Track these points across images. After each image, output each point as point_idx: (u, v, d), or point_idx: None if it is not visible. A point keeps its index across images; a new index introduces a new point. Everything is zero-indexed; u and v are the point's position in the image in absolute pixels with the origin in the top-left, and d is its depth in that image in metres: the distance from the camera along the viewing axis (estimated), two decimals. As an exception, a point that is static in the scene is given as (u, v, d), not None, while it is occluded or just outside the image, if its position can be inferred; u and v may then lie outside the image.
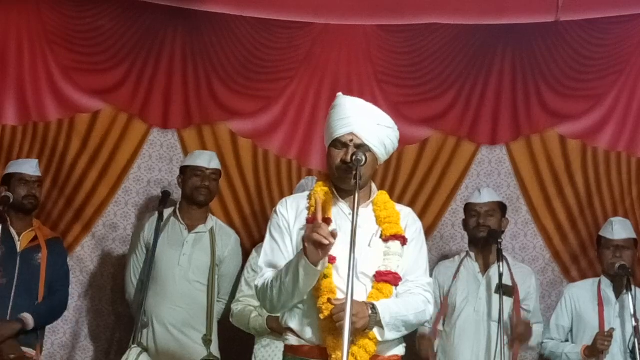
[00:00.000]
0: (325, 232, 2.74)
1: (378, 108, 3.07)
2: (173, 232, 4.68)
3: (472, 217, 4.58)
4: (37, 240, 4.67)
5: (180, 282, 4.58)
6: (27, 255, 4.61)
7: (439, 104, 5.36)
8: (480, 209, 4.55)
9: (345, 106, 3.04)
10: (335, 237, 2.75)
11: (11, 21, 5.24)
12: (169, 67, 5.32)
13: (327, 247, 2.76)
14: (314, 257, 2.76)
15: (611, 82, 5.25)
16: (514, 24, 5.32)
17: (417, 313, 2.97)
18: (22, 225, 4.66)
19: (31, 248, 4.64)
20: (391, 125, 3.06)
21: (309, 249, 2.76)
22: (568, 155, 5.26)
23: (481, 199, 4.58)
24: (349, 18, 5.36)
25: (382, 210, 3.05)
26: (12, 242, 4.59)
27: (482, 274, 4.50)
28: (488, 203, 4.56)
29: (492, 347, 4.28)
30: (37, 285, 4.58)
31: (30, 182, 4.67)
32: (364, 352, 2.87)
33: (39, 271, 4.60)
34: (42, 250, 4.64)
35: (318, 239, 2.73)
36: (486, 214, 4.54)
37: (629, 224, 4.72)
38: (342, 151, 2.99)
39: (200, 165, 4.72)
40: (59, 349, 5.14)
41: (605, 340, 4.31)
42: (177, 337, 4.53)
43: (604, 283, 4.58)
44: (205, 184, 4.69)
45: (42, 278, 4.60)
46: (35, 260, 4.62)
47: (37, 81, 5.23)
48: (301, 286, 2.83)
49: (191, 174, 4.71)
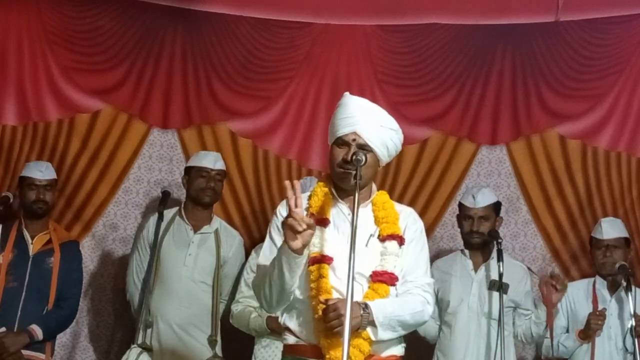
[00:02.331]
0: (298, 217, 2.75)
1: (384, 110, 3.07)
2: (179, 233, 4.68)
3: (465, 219, 4.54)
4: (51, 244, 4.63)
5: (186, 282, 4.58)
6: (39, 259, 4.58)
7: (439, 104, 5.36)
8: (474, 215, 4.49)
9: (350, 105, 3.04)
10: (312, 227, 2.76)
11: (11, 21, 5.24)
12: (169, 67, 5.32)
13: (304, 234, 2.76)
14: (292, 243, 2.76)
15: (611, 82, 5.24)
16: (514, 24, 5.32)
17: (414, 313, 2.96)
18: (36, 228, 4.64)
19: (44, 251, 4.61)
20: (395, 128, 3.06)
21: (287, 235, 2.78)
22: (568, 155, 5.26)
23: (475, 204, 4.50)
24: (349, 18, 5.36)
25: (380, 210, 3.05)
26: (25, 245, 4.58)
27: (474, 271, 4.50)
28: (482, 208, 4.50)
29: (491, 344, 4.28)
30: (48, 290, 4.55)
31: (40, 187, 4.64)
32: (358, 352, 2.87)
33: (51, 275, 4.56)
34: (54, 254, 4.61)
35: (291, 222, 2.74)
36: (480, 220, 4.48)
37: (619, 223, 4.73)
38: (344, 150, 2.99)
39: (205, 166, 4.72)
40: (59, 349, 5.13)
41: (599, 320, 4.38)
42: (181, 337, 4.53)
43: (599, 282, 4.61)
44: (211, 185, 4.70)
45: (54, 282, 4.56)
46: (47, 264, 4.58)
47: (37, 81, 5.23)
48: (286, 277, 2.83)
49: (196, 175, 4.71)
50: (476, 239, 4.48)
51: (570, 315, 4.63)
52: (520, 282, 4.48)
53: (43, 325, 4.47)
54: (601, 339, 4.46)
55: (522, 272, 4.55)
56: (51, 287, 4.56)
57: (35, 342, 4.45)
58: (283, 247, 2.81)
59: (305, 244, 2.79)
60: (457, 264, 4.57)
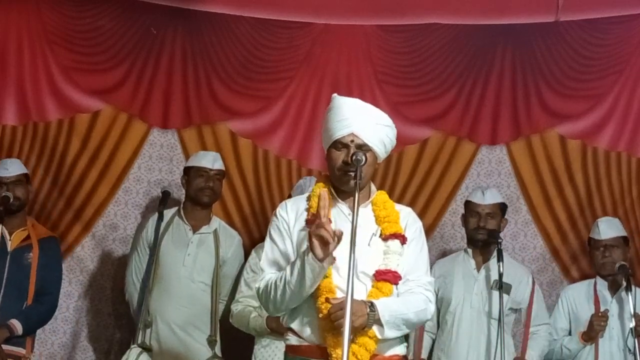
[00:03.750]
0: (330, 229, 2.75)
1: (375, 107, 3.08)
2: (178, 233, 4.68)
3: (472, 216, 4.57)
4: (30, 239, 4.64)
5: (185, 282, 4.58)
6: (18, 255, 4.58)
7: (439, 104, 5.36)
8: (481, 211, 4.54)
9: (343, 107, 3.04)
10: (340, 238, 2.77)
11: (11, 21, 5.24)
12: (169, 67, 5.32)
13: (330, 246, 2.77)
14: (319, 253, 2.77)
15: (611, 82, 5.25)
16: (514, 24, 5.32)
17: (418, 311, 2.97)
18: (14, 224, 4.64)
19: (22, 247, 4.61)
20: (389, 124, 3.07)
21: (314, 245, 2.77)
22: (568, 155, 5.26)
23: (484, 200, 4.56)
24: (349, 18, 5.36)
25: (381, 210, 3.06)
26: (3, 241, 4.57)
27: (477, 271, 4.51)
28: (490, 205, 4.55)
29: (492, 343, 4.29)
30: (28, 286, 4.56)
31: (9, 184, 4.62)
32: (364, 351, 2.87)
33: (30, 271, 4.57)
34: (33, 250, 4.61)
35: (325, 235, 2.74)
36: (487, 216, 4.53)
37: (617, 222, 4.74)
38: (343, 152, 2.99)
39: (204, 166, 4.72)
40: (59, 349, 5.14)
41: (601, 321, 4.40)
42: (180, 337, 4.53)
43: (600, 283, 4.62)
44: (209, 185, 4.70)
45: (33, 278, 4.56)
46: (25, 260, 4.59)
47: (37, 81, 5.23)
48: (307, 285, 2.84)
49: (195, 175, 4.71)
50: (482, 235, 4.49)
51: (572, 317, 4.64)
52: (522, 284, 4.49)
53: (23, 321, 4.48)
54: (603, 340, 4.46)
55: (524, 274, 4.56)
56: (30, 282, 4.56)
57: (15, 337, 4.45)
58: (307, 257, 2.80)
59: (329, 254, 2.80)
60: (460, 263, 4.58)
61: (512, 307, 4.46)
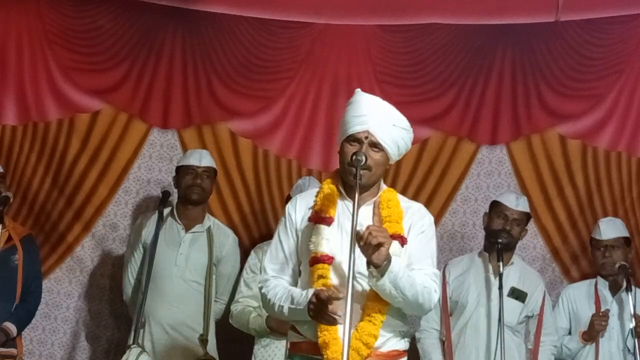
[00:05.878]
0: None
1: (395, 109, 3.07)
2: (170, 232, 4.68)
3: (499, 217, 4.46)
4: (12, 241, 4.60)
5: (177, 282, 4.58)
6: (4, 258, 4.55)
7: (439, 104, 5.36)
8: (510, 215, 4.44)
9: (362, 103, 3.05)
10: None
11: (11, 21, 5.25)
12: (169, 67, 5.32)
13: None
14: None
15: (611, 82, 5.25)
16: (514, 24, 5.32)
17: (425, 288, 2.92)
18: None
19: (7, 249, 4.57)
20: (407, 127, 3.07)
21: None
22: (568, 155, 5.26)
23: (517, 206, 4.46)
24: (349, 18, 5.36)
25: (383, 209, 3.04)
26: None
27: (494, 276, 4.42)
28: (519, 212, 4.47)
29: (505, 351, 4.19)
30: (15, 287, 4.55)
31: None
32: (361, 345, 2.87)
33: (17, 273, 4.56)
34: (18, 252, 4.58)
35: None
36: (514, 222, 4.44)
37: (619, 222, 4.73)
38: (355, 147, 2.99)
39: (191, 163, 4.72)
40: (59, 349, 5.14)
41: (602, 321, 4.39)
42: (173, 337, 4.53)
43: (600, 283, 4.62)
44: (197, 182, 4.69)
45: (20, 279, 4.56)
46: (12, 262, 4.57)
47: (37, 81, 5.23)
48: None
49: (184, 173, 4.72)
50: (505, 238, 4.39)
51: (573, 316, 4.63)
52: (537, 290, 4.47)
53: (15, 322, 4.49)
54: (603, 340, 4.46)
55: (538, 280, 4.55)
56: (17, 284, 4.56)
57: (12, 339, 4.46)
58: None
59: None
60: (476, 267, 4.51)
61: (527, 315, 4.44)
